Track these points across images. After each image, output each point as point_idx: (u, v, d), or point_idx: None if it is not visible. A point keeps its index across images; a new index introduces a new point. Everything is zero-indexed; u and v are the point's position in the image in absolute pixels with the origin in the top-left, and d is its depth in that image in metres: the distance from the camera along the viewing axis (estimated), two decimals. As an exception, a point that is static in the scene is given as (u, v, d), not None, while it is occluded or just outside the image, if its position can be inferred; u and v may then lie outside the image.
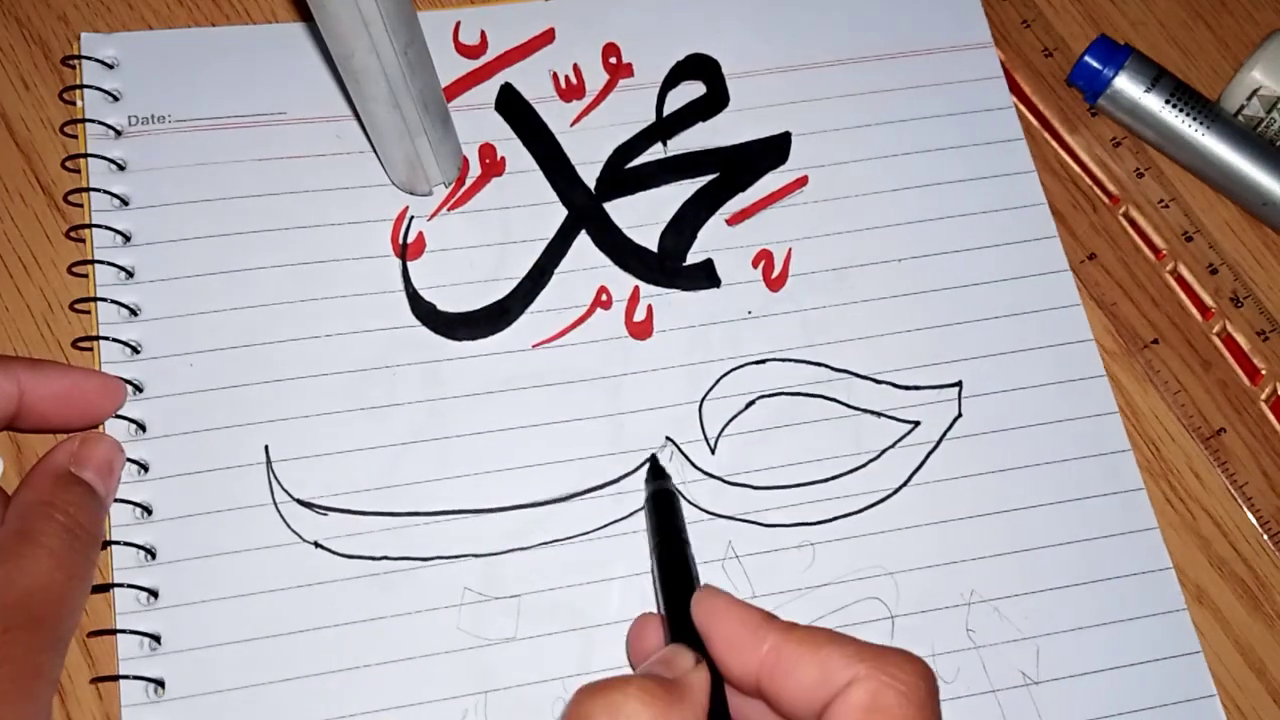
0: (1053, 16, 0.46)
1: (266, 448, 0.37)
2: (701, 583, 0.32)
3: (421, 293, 0.39)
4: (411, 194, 0.40)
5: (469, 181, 0.41)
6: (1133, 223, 0.43)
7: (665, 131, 0.42)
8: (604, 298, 0.40)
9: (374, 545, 0.36)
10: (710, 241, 0.41)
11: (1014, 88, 0.44)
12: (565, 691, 0.35)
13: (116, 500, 0.35)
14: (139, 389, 0.37)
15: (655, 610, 0.35)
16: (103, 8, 0.42)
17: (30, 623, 0.30)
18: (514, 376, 0.38)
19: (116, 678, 0.34)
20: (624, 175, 0.42)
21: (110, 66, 0.41)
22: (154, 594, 0.35)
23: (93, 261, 0.38)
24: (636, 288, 0.40)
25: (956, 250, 0.41)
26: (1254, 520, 0.39)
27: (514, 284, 0.40)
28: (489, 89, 0.42)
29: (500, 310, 0.39)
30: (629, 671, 0.35)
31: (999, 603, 0.37)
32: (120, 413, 0.36)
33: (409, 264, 0.39)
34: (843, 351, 0.40)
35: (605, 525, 0.37)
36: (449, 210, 0.41)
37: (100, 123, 0.40)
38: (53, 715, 0.32)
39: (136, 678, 0.34)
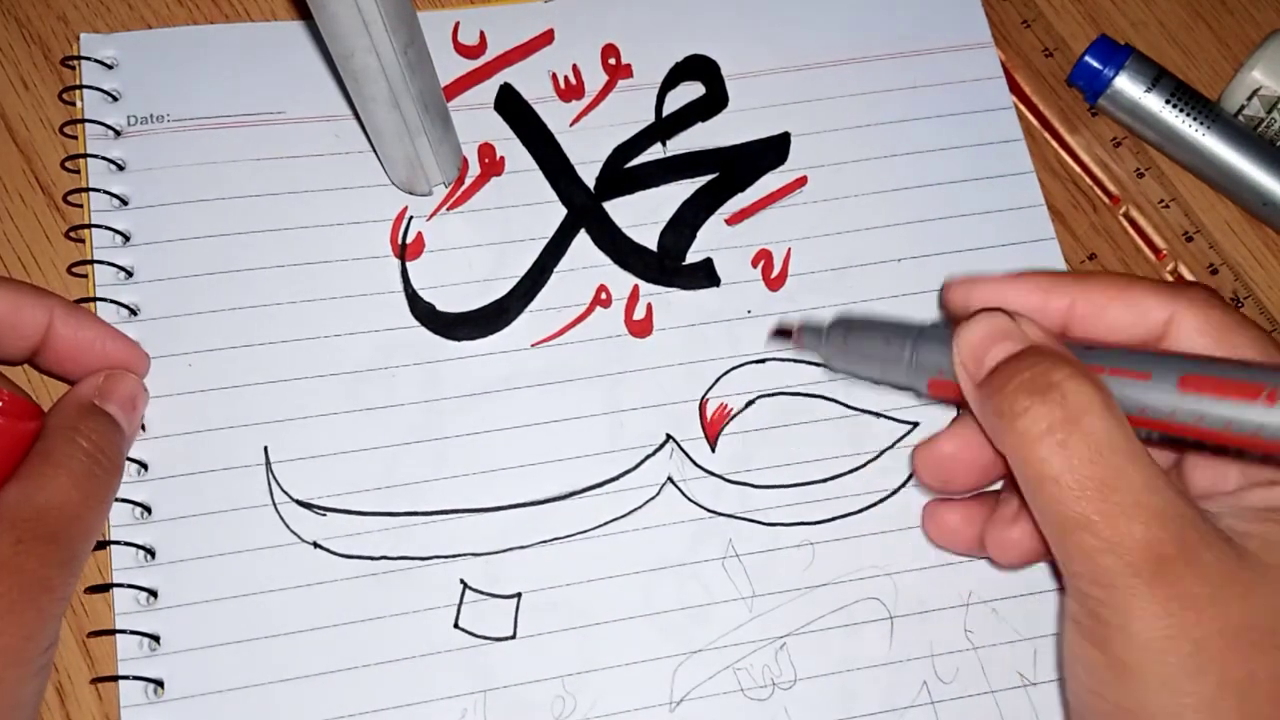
0: (1053, 16, 0.46)
1: (266, 448, 0.37)
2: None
3: (420, 293, 0.39)
4: (411, 194, 0.40)
5: (468, 181, 0.41)
6: (1133, 223, 0.43)
7: (665, 132, 0.42)
8: (603, 296, 0.40)
9: (373, 545, 0.36)
10: (710, 241, 0.41)
11: (1014, 88, 0.44)
12: (564, 690, 0.35)
13: (116, 500, 0.35)
14: (138, 389, 0.37)
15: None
16: (102, 8, 0.42)
17: (44, 538, 0.31)
18: (513, 375, 0.38)
19: (116, 678, 0.34)
20: (623, 175, 0.42)
21: (110, 67, 0.41)
22: (153, 594, 0.35)
23: (92, 261, 0.38)
24: (636, 286, 0.40)
25: (956, 251, 0.41)
26: (1253, 520, 0.39)
27: (513, 283, 0.40)
28: (488, 89, 0.42)
29: (499, 309, 0.39)
30: (629, 668, 0.35)
31: (997, 604, 0.37)
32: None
33: (408, 264, 0.40)
34: (842, 351, 0.40)
35: (605, 523, 0.37)
36: (448, 210, 0.41)
37: (100, 123, 0.40)
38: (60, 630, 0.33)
39: (136, 678, 0.34)
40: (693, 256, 0.41)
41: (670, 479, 0.38)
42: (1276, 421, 0.26)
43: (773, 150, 0.42)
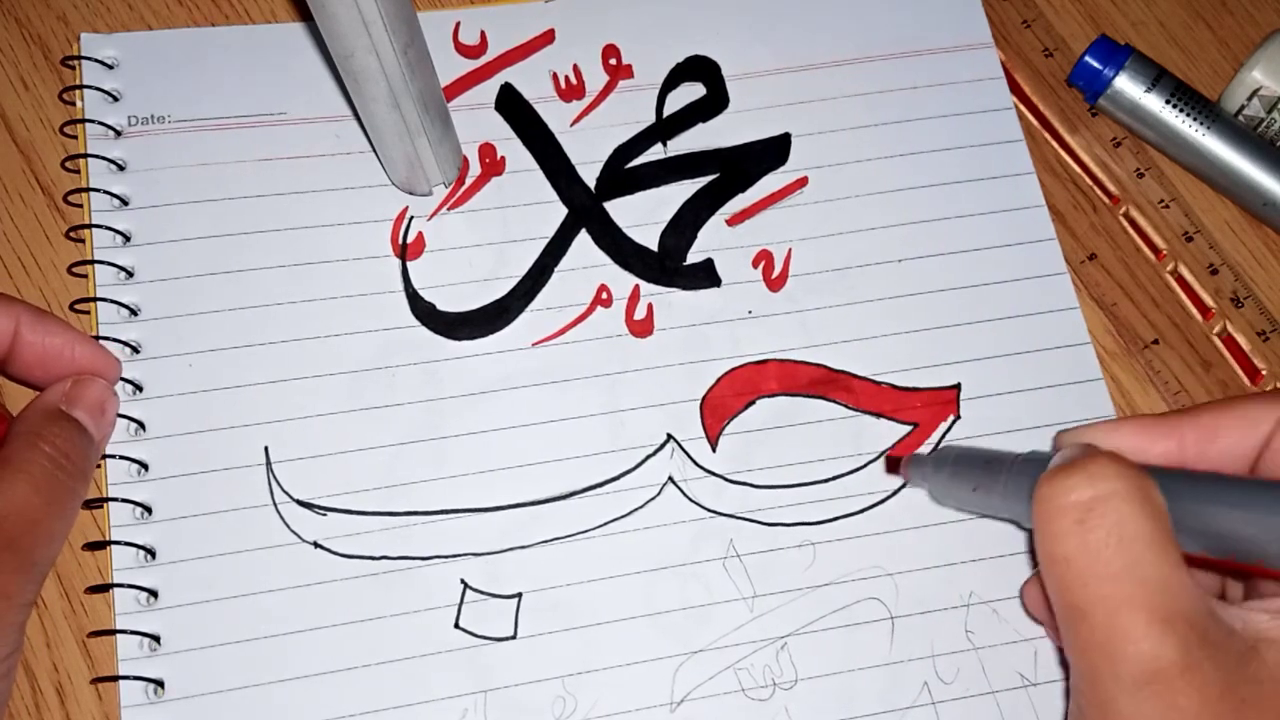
0: (1053, 16, 0.46)
1: (266, 448, 0.37)
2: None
3: (421, 292, 0.39)
4: (411, 194, 0.40)
5: (469, 181, 0.41)
6: (1133, 223, 0.43)
7: (665, 132, 0.42)
8: (604, 296, 0.40)
9: (373, 545, 0.36)
10: (710, 241, 0.41)
11: (1014, 88, 0.44)
12: (564, 690, 0.35)
13: (117, 500, 0.35)
14: (139, 389, 0.37)
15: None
16: (102, 8, 0.42)
17: (2, 545, 0.31)
18: (514, 375, 0.38)
19: (116, 678, 0.34)
20: (624, 175, 0.42)
21: (110, 67, 0.41)
22: (154, 594, 0.35)
23: (93, 262, 0.38)
24: (637, 286, 0.40)
25: (956, 251, 0.41)
26: (1254, 521, 0.39)
27: (513, 283, 0.40)
28: (489, 89, 0.42)
29: (500, 309, 0.39)
30: (629, 668, 0.35)
31: (998, 604, 0.37)
32: (120, 412, 0.36)
33: (408, 264, 0.40)
34: (842, 352, 0.40)
35: (605, 523, 0.37)
36: (449, 210, 0.41)
37: (100, 123, 0.40)
38: (24, 640, 0.32)
39: (136, 678, 0.34)
40: (693, 257, 0.41)
41: (671, 479, 0.38)
42: None
43: (773, 151, 0.42)
